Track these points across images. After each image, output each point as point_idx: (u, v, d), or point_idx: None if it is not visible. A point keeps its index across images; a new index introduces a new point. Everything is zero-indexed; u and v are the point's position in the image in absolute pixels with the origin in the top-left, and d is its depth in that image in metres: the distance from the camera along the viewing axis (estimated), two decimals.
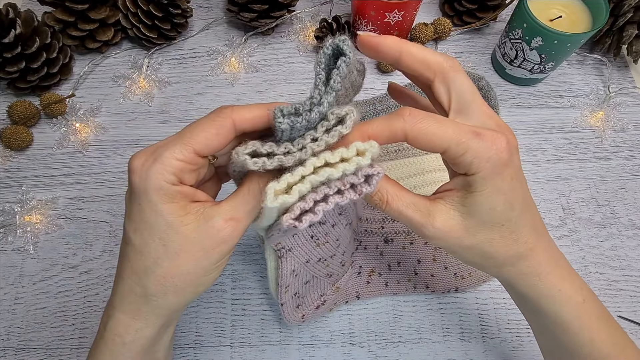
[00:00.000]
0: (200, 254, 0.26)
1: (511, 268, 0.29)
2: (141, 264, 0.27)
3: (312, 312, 0.42)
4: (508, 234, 0.28)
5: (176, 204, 0.26)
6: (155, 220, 0.26)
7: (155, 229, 0.26)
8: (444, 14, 0.62)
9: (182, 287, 0.27)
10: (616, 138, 0.54)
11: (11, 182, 0.51)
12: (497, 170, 0.25)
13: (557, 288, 0.29)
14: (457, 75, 0.26)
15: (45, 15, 0.54)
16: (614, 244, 0.48)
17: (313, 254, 0.37)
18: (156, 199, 0.25)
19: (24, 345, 0.44)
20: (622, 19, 0.53)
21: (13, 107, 0.52)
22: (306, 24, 0.61)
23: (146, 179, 0.25)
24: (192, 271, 0.27)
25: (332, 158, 0.24)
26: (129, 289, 0.28)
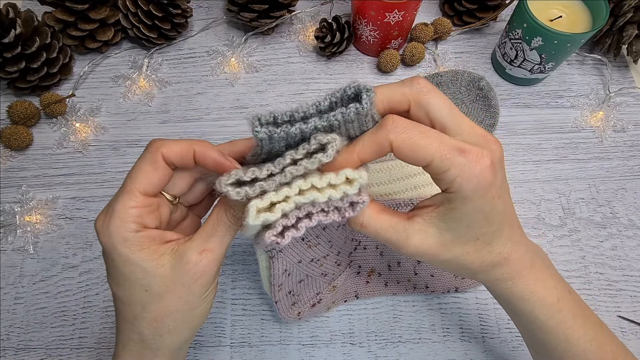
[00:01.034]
0: (182, 290, 0.27)
1: (485, 275, 0.29)
2: (131, 313, 0.27)
3: (308, 310, 0.42)
4: (483, 246, 0.28)
5: (147, 250, 0.27)
6: (132, 271, 0.26)
7: (133, 279, 0.27)
8: (444, 14, 0.62)
9: (175, 326, 0.28)
10: (616, 138, 0.54)
11: (11, 182, 0.51)
12: (479, 192, 0.25)
13: (529, 290, 0.30)
14: (430, 97, 0.25)
15: (45, 15, 0.54)
16: (614, 244, 0.48)
17: (305, 255, 0.38)
18: (126, 251, 0.26)
19: (24, 345, 0.44)
20: (622, 19, 0.53)
21: (13, 107, 0.52)
22: (306, 24, 0.61)
23: (109, 236, 0.26)
24: (180, 308, 0.27)
25: (319, 183, 0.24)
26: (127, 338, 0.28)
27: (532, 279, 0.30)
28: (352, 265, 0.45)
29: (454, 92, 0.54)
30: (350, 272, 0.45)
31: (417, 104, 0.25)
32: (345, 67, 0.58)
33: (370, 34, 0.54)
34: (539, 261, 0.31)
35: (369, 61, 0.59)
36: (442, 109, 0.25)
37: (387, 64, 0.56)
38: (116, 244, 0.26)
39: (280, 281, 0.38)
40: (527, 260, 0.30)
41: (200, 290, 0.27)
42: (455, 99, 0.54)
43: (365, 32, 0.55)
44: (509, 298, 0.30)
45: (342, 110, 0.23)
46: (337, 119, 0.23)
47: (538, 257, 0.31)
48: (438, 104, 0.25)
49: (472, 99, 0.53)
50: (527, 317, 0.31)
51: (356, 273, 0.45)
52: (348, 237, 0.42)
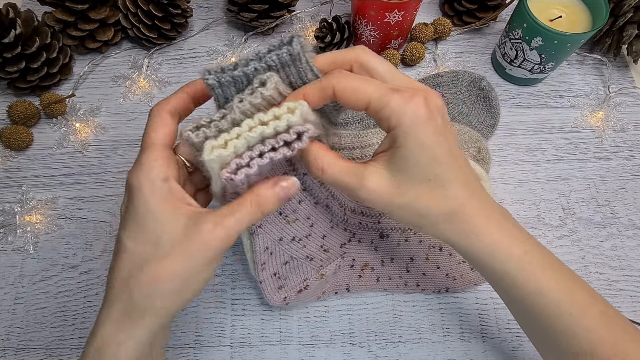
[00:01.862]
0: (187, 255, 0.27)
1: (447, 225, 0.30)
2: (132, 266, 0.27)
3: (295, 296, 0.42)
4: (437, 189, 0.29)
5: (168, 203, 0.27)
6: (149, 220, 0.27)
7: (147, 228, 0.27)
8: (444, 14, 0.62)
9: (168, 292, 0.27)
10: (616, 138, 0.54)
11: (11, 182, 0.51)
12: (416, 123, 0.27)
13: (495, 244, 0.30)
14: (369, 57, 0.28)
15: (45, 15, 0.54)
16: (614, 244, 0.48)
17: (285, 232, 0.39)
18: (150, 197, 0.27)
19: (24, 345, 0.44)
20: (622, 18, 0.53)
21: (13, 107, 0.52)
22: (306, 24, 0.61)
23: (140, 179, 0.27)
24: (179, 274, 0.27)
25: (265, 117, 0.26)
26: (115, 297, 0.28)
27: (495, 231, 0.30)
28: (345, 258, 0.45)
29: (454, 92, 0.54)
30: (343, 264, 0.45)
31: (358, 63, 0.28)
32: None
33: (370, 34, 0.54)
34: (505, 214, 0.31)
35: None
36: (380, 66, 0.28)
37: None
38: (144, 187, 0.27)
39: (263, 259, 0.39)
40: (489, 211, 0.30)
41: (203, 261, 0.27)
42: (456, 99, 0.54)
43: (365, 32, 0.55)
44: (477, 255, 0.30)
45: (276, 52, 0.26)
46: (273, 59, 0.26)
47: (502, 213, 0.31)
48: (377, 62, 0.28)
49: (473, 100, 0.53)
50: (498, 274, 0.30)
51: (350, 266, 0.45)
52: (336, 224, 0.43)
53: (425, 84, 0.54)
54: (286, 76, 0.28)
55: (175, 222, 0.27)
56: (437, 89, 0.54)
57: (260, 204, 0.28)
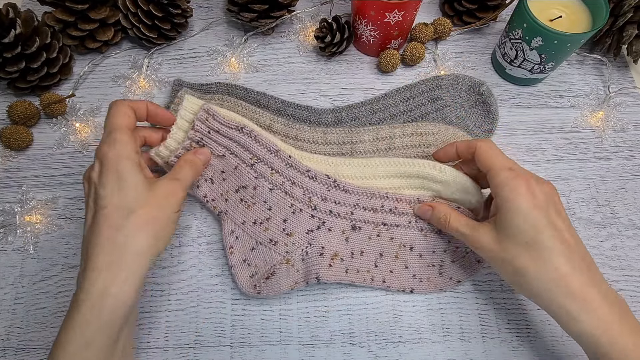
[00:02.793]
0: (159, 203, 0.35)
1: (549, 294, 0.33)
2: (118, 216, 0.33)
3: (264, 284, 0.43)
4: (533, 252, 0.34)
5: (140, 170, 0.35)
6: (129, 180, 0.34)
7: (129, 186, 0.34)
8: (444, 14, 0.62)
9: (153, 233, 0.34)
10: (616, 138, 0.54)
11: (11, 182, 0.51)
12: (514, 196, 0.35)
13: (599, 328, 0.32)
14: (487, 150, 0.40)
15: (45, 15, 0.54)
16: (614, 244, 0.48)
17: (247, 216, 0.45)
18: (130, 163, 0.35)
19: (24, 345, 0.44)
20: (622, 19, 0.53)
21: (13, 107, 0.52)
22: (306, 24, 0.61)
23: (117, 149, 0.34)
24: (159, 217, 0.35)
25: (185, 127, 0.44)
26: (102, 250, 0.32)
27: (625, 336, 0.31)
28: (313, 245, 0.44)
29: (453, 95, 0.54)
30: (311, 250, 0.44)
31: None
32: (345, 67, 0.58)
33: (370, 34, 0.54)
34: (615, 303, 0.33)
35: (369, 61, 0.59)
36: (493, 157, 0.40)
37: (387, 64, 0.56)
38: (123, 156, 0.34)
39: (230, 242, 0.45)
40: (611, 300, 0.33)
41: (172, 209, 0.36)
42: (454, 103, 0.54)
43: (365, 32, 0.55)
44: (575, 335, 0.34)
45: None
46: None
47: (615, 300, 0.33)
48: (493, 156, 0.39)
49: (472, 104, 0.53)
50: (596, 355, 0.33)
51: (319, 254, 0.44)
52: (299, 209, 0.45)
53: (424, 86, 0.54)
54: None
55: (146, 183, 0.35)
56: (435, 92, 0.54)
57: (191, 163, 0.40)
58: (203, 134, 0.44)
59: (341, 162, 0.47)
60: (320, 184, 0.45)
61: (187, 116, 0.44)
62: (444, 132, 0.50)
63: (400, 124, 0.51)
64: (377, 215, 0.45)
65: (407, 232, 0.46)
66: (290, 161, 0.45)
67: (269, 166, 0.45)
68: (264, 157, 0.45)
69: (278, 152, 0.45)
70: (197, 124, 0.44)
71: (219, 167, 0.46)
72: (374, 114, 0.53)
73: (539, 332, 0.44)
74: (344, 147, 0.50)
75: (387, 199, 0.45)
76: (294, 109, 0.53)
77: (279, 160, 0.45)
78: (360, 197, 0.45)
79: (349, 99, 0.56)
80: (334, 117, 0.53)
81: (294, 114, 0.53)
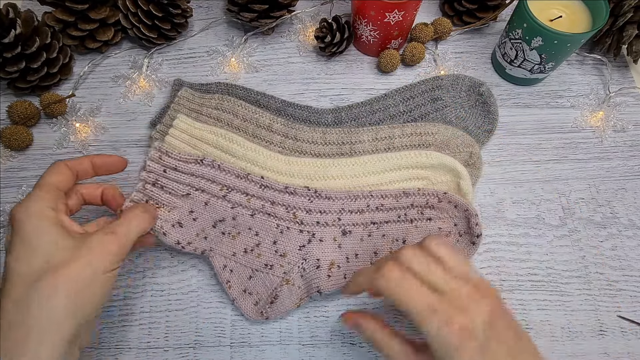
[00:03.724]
0: (83, 262, 0.30)
1: None
2: (25, 286, 0.28)
3: (270, 308, 0.42)
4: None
5: (58, 226, 0.31)
6: (40, 240, 0.29)
7: (39, 248, 0.29)
8: (444, 14, 0.62)
9: (71, 291, 0.29)
10: (616, 138, 0.54)
11: (11, 182, 0.51)
12: (449, 353, 0.27)
13: None
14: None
15: (45, 15, 0.54)
16: (614, 244, 0.48)
17: (236, 247, 0.43)
18: (41, 223, 0.30)
19: None
20: (622, 19, 0.52)
21: (13, 107, 0.52)
22: (306, 24, 0.61)
23: (27, 210, 0.30)
24: (81, 274, 0.29)
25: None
26: (8, 324, 0.27)
27: None
28: (308, 259, 0.44)
29: (453, 96, 0.54)
30: (308, 265, 0.44)
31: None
32: (345, 67, 0.58)
33: (370, 34, 0.54)
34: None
35: (369, 61, 0.59)
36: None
37: (387, 64, 0.56)
38: (32, 216, 0.30)
39: (226, 277, 0.43)
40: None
41: (99, 264, 0.30)
42: (454, 103, 0.54)
43: (365, 32, 0.55)
44: None
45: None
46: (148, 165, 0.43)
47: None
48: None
49: (472, 104, 0.53)
50: None
51: (316, 267, 0.44)
52: (286, 227, 0.44)
53: (424, 86, 0.54)
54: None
55: (67, 239, 0.30)
56: (435, 92, 0.54)
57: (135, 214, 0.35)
58: (158, 174, 0.41)
59: (329, 163, 0.47)
60: (302, 197, 0.44)
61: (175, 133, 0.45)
62: (444, 132, 0.50)
63: (400, 124, 0.51)
64: (365, 215, 0.45)
65: (398, 226, 0.45)
66: (263, 182, 0.44)
67: (243, 192, 0.43)
68: (234, 185, 0.43)
69: (248, 175, 0.43)
70: (150, 164, 0.41)
71: (186, 208, 0.42)
72: (374, 114, 0.53)
73: (539, 332, 0.44)
74: (343, 147, 0.50)
75: (371, 197, 0.45)
76: (294, 109, 0.53)
77: (252, 184, 0.43)
78: (344, 202, 0.44)
79: (349, 99, 0.56)
80: (333, 117, 0.53)
81: (294, 114, 0.53)
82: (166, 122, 0.50)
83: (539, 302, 0.45)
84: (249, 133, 0.50)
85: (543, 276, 0.47)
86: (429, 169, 0.45)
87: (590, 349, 0.43)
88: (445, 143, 0.49)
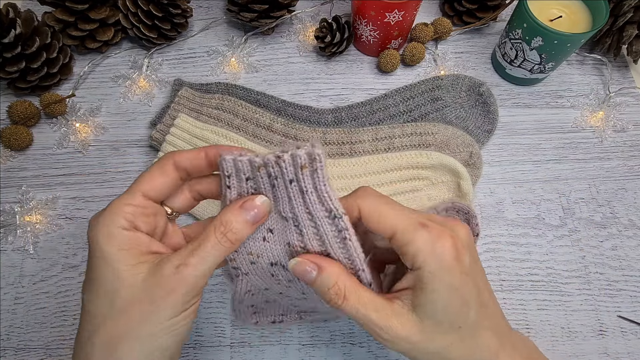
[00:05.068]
0: (148, 306, 0.24)
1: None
2: (90, 329, 0.25)
3: (267, 324, 0.38)
4: (468, 338, 0.26)
5: (127, 252, 0.25)
6: (104, 272, 0.24)
7: (103, 282, 0.24)
8: (444, 14, 0.62)
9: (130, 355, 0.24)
10: (616, 138, 0.54)
11: (11, 182, 0.51)
12: (444, 266, 0.24)
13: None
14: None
15: (45, 15, 0.54)
16: (614, 244, 0.48)
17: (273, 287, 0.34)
18: (106, 248, 0.24)
19: (24, 345, 0.44)
20: (622, 19, 0.52)
21: (13, 107, 0.52)
22: (306, 24, 0.61)
23: (96, 229, 0.25)
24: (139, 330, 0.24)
25: None
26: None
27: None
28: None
29: (453, 96, 0.54)
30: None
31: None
32: (345, 67, 0.58)
33: (370, 34, 0.54)
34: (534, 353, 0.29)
35: (369, 61, 0.59)
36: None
37: (387, 64, 0.56)
38: (100, 238, 0.24)
39: (242, 298, 0.35)
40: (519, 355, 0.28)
41: (168, 311, 0.24)
42: (454, 103, 0.54)
43: (365, 32, 0.54)
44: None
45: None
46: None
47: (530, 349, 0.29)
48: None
49: (472, 104, 0.53)
50: None
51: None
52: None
53: (424, 86, 0.54)
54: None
55: (134, 274, 0.24)
56: (435, 92, 0.54)
57: (227, 232, 0.25)
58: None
59: (329, 163, 0.47)
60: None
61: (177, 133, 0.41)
62: (444, 132, 0.50)
63: (400, 124, 0.51)
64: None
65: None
66: None
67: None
68: None
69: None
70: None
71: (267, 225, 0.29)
72: (374, 114, 0.53)
73: (539, 332, 0.44)
74: (343, 147, 0.50)
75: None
76: (294, 109, 0.53)
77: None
78: None
79: (349, 99, 0.56)
80: (333, 117, 0.53)
81: (294, 114, 0.53)
82: (166, 122, 0.50)
83: (539, 302, 0.45)
84: (249, 133, 0.50)
85: (543, 276, 0.46)
86: (429, 169, 0.45)
87: (590, 349, 0.43)
88: (445, 143, 0.49)
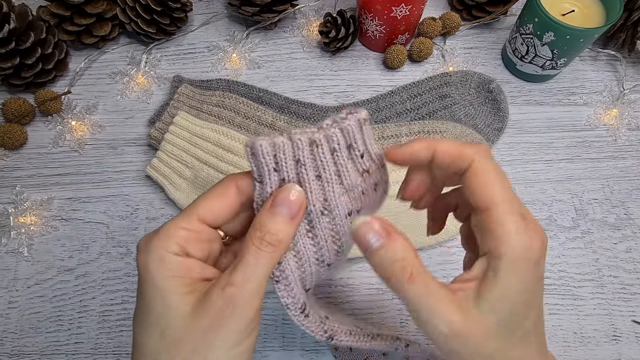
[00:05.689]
0: (199, 338, 0.22)
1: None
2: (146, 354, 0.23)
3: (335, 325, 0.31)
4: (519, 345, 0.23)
5: (178, 279, 0.23)
6: (154, 303, 0.23)
7: (153, 316, 0.23)
8: (452, 8, 0.61)
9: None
10: (631, 137, 0.53)
11: (5, 182, 0.50)
12: (529, 262, 0.22)
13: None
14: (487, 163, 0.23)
15: (40, 9, 0.53)
16: (629, 246, 0.47)
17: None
18: (156, 274, 0.22)
19: (18, 350, 0.43)
20: (636, 13, 0.51)
21: (7, 105, 0.51)
22: (310, 19, 0.60)
23: (147, 253, 0.23)
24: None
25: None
26: None
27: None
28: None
29: (462, 93, 0.53)
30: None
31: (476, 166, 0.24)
32: (351, 63, 0.57)
33: (376, 29, 0.53)
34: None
35: (375, 57, 0.58)
36: (494, 180, 0.23)
37: (393, 60, 0.54)
38: (150, 263, 0.23)
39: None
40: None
41: (219, 340, 0.22)
42: (463, 100, 0.53)
43: (371, 27, 0.53)
44: None
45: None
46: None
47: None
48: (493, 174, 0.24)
49: (481, 101, 0.52)
50: None
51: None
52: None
53: (432, 83, 0.53)
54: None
55: (185, 304, 0.22)
56: (444, 89, 0.53)
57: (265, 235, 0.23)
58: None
59: None
60: None
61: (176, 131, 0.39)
62: (452, 130, 0.49)
63: (407, 122, 0.50)
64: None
65: None
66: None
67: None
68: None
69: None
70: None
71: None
72: (380, 112, 0.52)
73: (551, 338, 0.43)
74: None
75: None
76: (298, 107, 0.52)
77: None
78: None
79: (354, 96, 0.55)
80: None
81: (298, 111, 0.52)
82: (165, 120, 0.49)
83: (550, 307, 0.44)
84: (251, 131, 0.49)
85: (555, 279, 0.45)
86: None
87: (603, 354, 0.43)
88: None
